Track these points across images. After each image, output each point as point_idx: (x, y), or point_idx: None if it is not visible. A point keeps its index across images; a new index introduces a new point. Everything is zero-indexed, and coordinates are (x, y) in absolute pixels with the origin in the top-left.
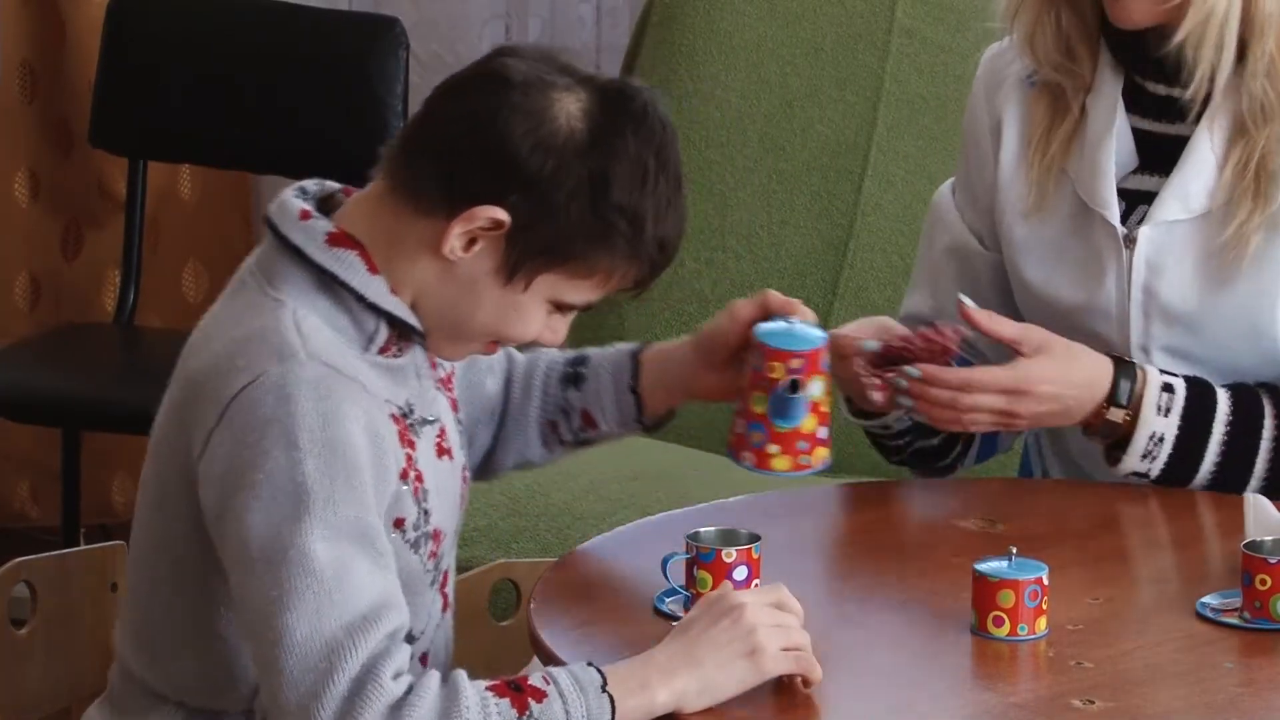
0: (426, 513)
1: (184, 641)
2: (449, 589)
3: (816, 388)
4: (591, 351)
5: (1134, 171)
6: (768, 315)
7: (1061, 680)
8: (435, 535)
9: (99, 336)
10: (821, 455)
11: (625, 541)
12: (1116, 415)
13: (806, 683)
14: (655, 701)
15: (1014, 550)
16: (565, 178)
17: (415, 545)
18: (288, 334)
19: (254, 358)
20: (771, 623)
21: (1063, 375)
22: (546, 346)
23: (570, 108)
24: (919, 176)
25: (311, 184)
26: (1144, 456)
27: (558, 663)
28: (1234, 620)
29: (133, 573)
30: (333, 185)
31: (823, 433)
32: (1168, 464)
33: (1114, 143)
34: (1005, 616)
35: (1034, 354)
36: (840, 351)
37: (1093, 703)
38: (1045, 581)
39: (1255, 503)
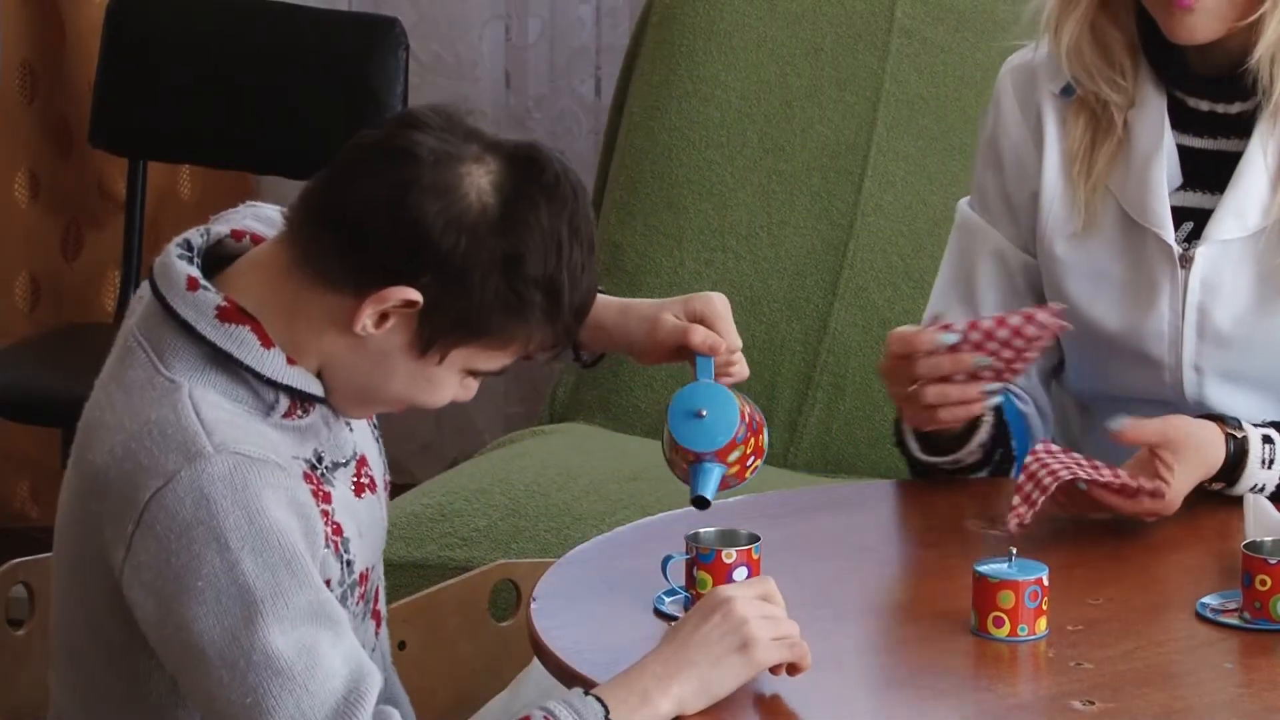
0: (349, 564)
1: (117, 700)
2: (380, 604)
3: (733, 455)
4: None
5: (1178, 188)
6: (684, 346)
7: (1062, 681)
8: (362, 577)
9: (99, 337)
10: (752, 468)
11: (625, 541)
12: (1215, 485)
13: (795, 670)
14: (658, 713)
15: (1014, 551)
16: (479, 255)
17: (343, 599)
18: (188, 424)
19: (159, 456)
20: (760, 614)
21: (1192, 477)
22: (460, 402)
23: (480, 182)
24: (919, 177)
25: (196, 235)
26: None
27: (559, 663)
28: (1234, 621)
29: (57, 639)
30: (219, 231)
31: (750, 460)
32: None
33: (1164, 160)
34: (1005, 617)
35: (1175, 459)
36: (908, 350)
37: (1093, 703)
38: (1045, 582)
39: (1255, 503)
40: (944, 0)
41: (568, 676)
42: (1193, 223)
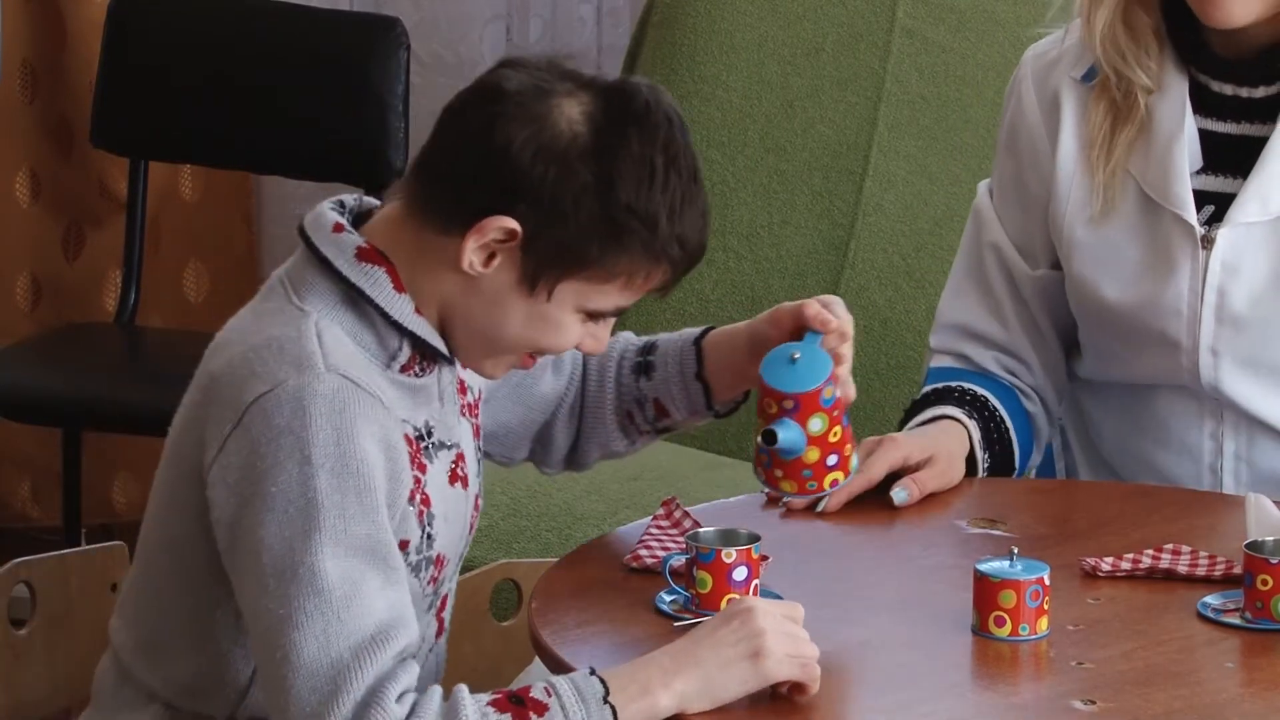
0: (430, 537)
1: (180, 641)
2: (446, 614)
3: (816, 424)
4: (661, 337)
5: (1198, 171)
6: (802, 326)
7: (1062, 680)
8: (438, 561)
9: (100, 336)
10: (832, 478)
11: (625, 541)
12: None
13: (801, 691)
14: (657, 706)
15: (1015, 550)
16: (570, 182)
17: (416, 569)
18: (308, 344)
19: (273, 365)
20: (781, 630)
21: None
22: (590, 354)
23: (571, 112)
24: (920, 176)
25: (351, 198)
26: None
27: (559, 662)
28: (1235, 620)
29: (137, 567)
30: (371, 201)
31: (832, 459)
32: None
33: (1185, 142)
34: (1007, 616)
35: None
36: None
37: (1094, 703)
38: (1047, 582)
39: (1257, 503)
40: (945, 0)
41: None
42: (1214, 206)
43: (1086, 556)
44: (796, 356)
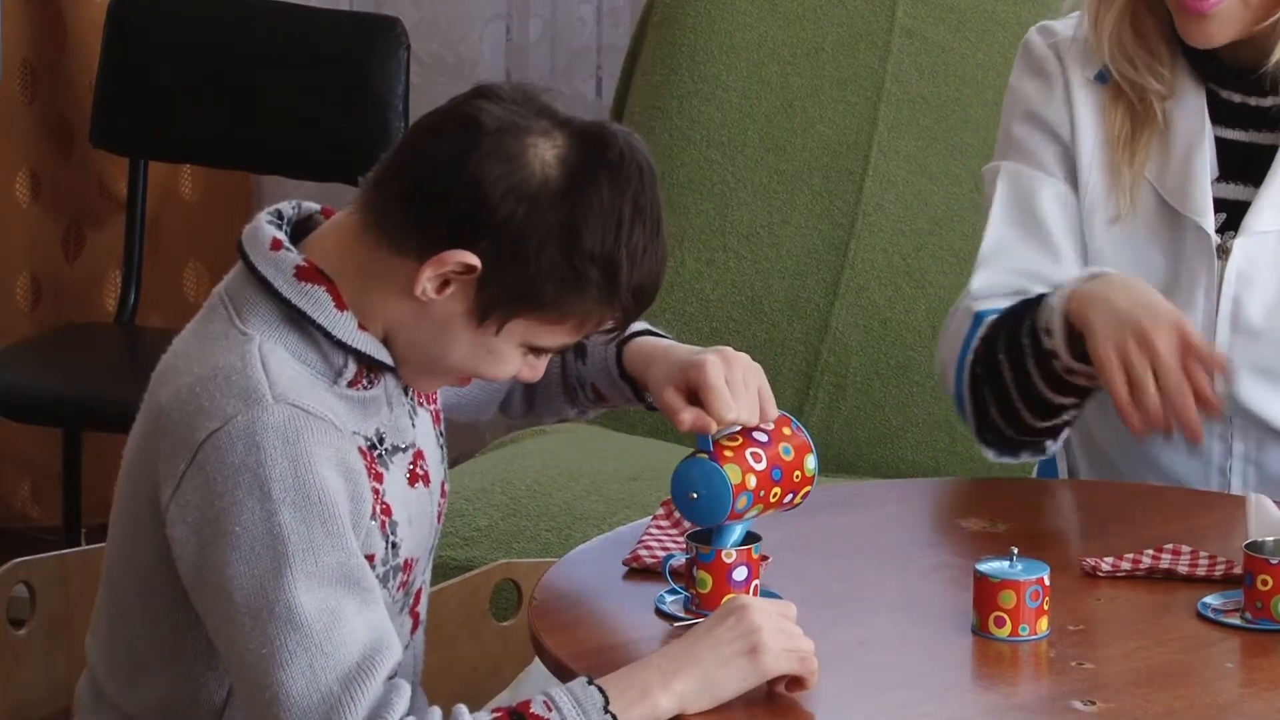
0: (395, 545)
1: (151, 664)
2: (421, 606)
3: (749, 516)
4: None
5: (1213, 180)
6: (701, 423)
7: (1063, 681)
8: (406, 565)
9: (100, 336)
10: (789, 503)
11: (625, 541)
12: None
13: (799, 685)
14: (658, 708)
15: (1015, 550)
16: (537, 225)
17: (384, 579)
18: (254, 374)
19: (219, 400)
20: (776, 626)
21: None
22: (526, 382)
23: (545, 154)
24: (920, 176)
25: (288, 207)
26: None
27: (559, 663)
28: (1235, 621)
29: (104, 588)
30: (310, 206)
31: (787, 498)
32: None
33: (1206, 150)
34: (1006, 617)
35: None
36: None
37: (1094, 703)
38: (1047, 582)
39: (1257, 503)
40: (945, 0)
41: (568, 676)
42: (1226, 214)
43: (1086, 556)
44: (694, 496)
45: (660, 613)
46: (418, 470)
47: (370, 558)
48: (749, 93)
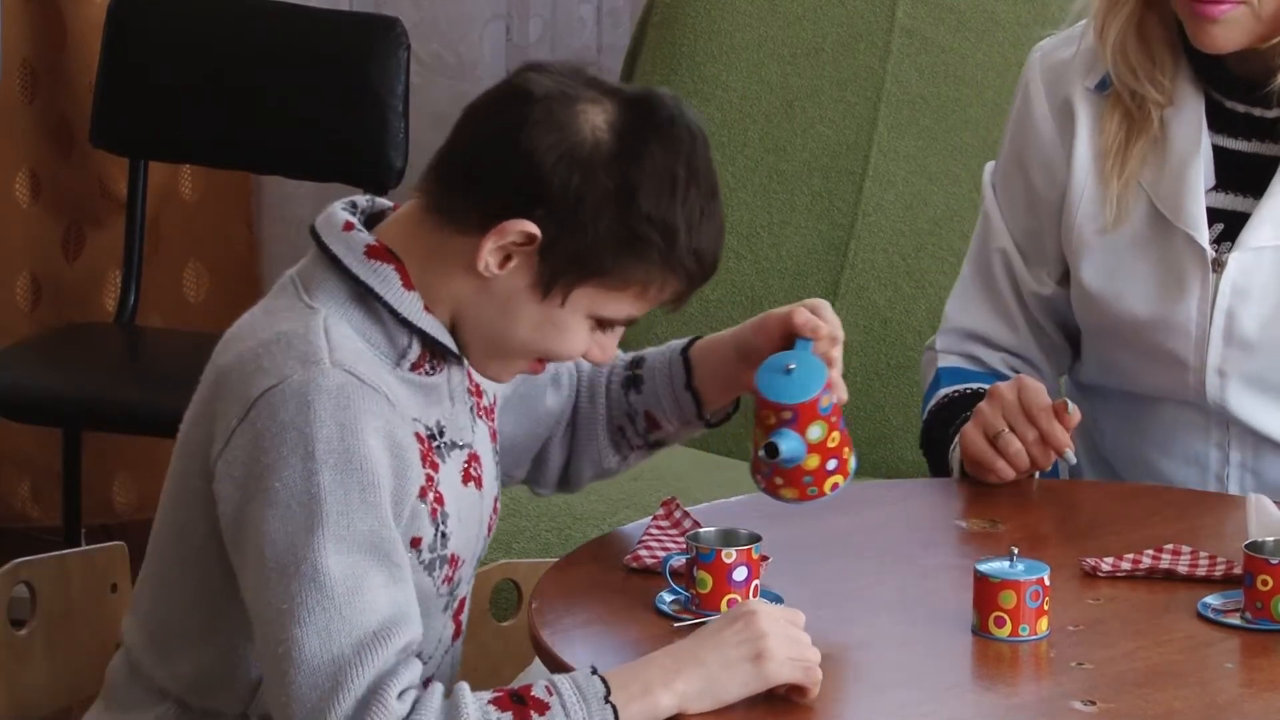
0: (444, 535)
1: (190, 635)
2: (464, 617)
3: (815, 432)
4: (649, 351)
5: (1209, 189)
6: (792, 334)
7: (1063, 681)
8: (452, 560)
9: (100, 336)
10: (833, 482)
11: (625, 541)
12: None
13: (801, 693)
14: (658, 705)
15: (1015, 550)
16: (592, 190)
17: (430, 567)
18: (315, 339)
19: (280, 360)
20: (784, 633)
21: None
22: (596, 363)
23: (595, 120)
24: (919, 176)
25: (363, 199)
26: None
27: (559, 663)
28: (1235, 621)
29: (149, 561)
30: (384, 203)
31: (831, 464)
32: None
33: (1201, 161)
34: (1007, 617)
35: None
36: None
37: (1094, 704)
38: (1047, 582)
39: (1257, 503)
40: (945, 0)
41: None
42: (1223, 224)
43: (1086, 556)
44: (791, 367)
45: (660, 613)
46: (472, 471)
47: (417, 541)
48: (749, 93)
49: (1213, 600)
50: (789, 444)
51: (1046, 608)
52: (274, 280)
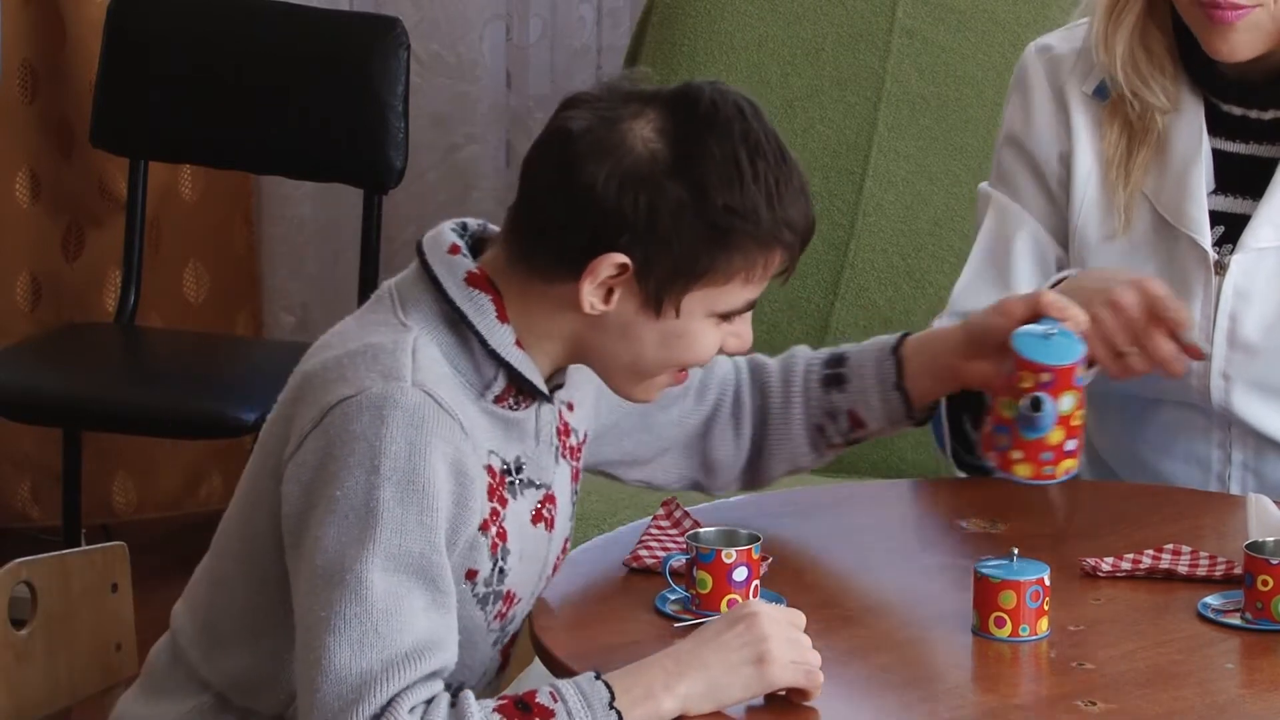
0: (502, 571)
1: (242, 635)
2: (512, 650)
3: (1067, 402)
4: (849, 349)
5: (1210, 192)
6: (1037, 316)
7: (1063, 681)
8: (508, 597)
9: (100, 336)
10: (1066, 467)
11: (625, 542)
12: None
13: (802, 696)
14: (661, 709)
15: (1015, 551)
16: (664, 202)
17: (483, 601)
18: (401, 357)
19: (362, 372)
20: (786, 636)
21: None
22: (737, 354)
23: (644, 132)
24: (920, 176)
25: (474, 222)
26: None
27: (559, 663)
28: (1235, 621)
29: (210, 555)
30: (494, 228)
31: (1070, 445)
32: None
33: (1202, 165)
34: (1007, 617)
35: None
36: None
37: (1094, 704)
38: (1047, 582)
39: (1257, 503)
40: (945, 0)
41: (568, 677)
42: (1224, 227)
43: (1086, 556)
44: (1052, 332)
45: (660, 613)
46: (544, 512)
47: (473, 574)
48: (749, 93)
49: (1213, 600)
50: (1047, 404)
51: (1047, 608)
52: (273, 280)
